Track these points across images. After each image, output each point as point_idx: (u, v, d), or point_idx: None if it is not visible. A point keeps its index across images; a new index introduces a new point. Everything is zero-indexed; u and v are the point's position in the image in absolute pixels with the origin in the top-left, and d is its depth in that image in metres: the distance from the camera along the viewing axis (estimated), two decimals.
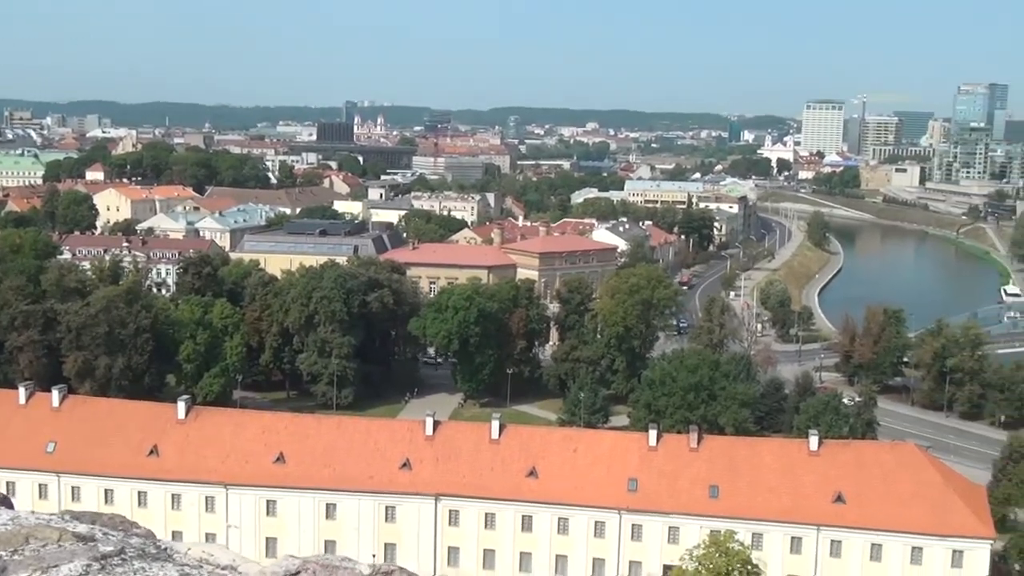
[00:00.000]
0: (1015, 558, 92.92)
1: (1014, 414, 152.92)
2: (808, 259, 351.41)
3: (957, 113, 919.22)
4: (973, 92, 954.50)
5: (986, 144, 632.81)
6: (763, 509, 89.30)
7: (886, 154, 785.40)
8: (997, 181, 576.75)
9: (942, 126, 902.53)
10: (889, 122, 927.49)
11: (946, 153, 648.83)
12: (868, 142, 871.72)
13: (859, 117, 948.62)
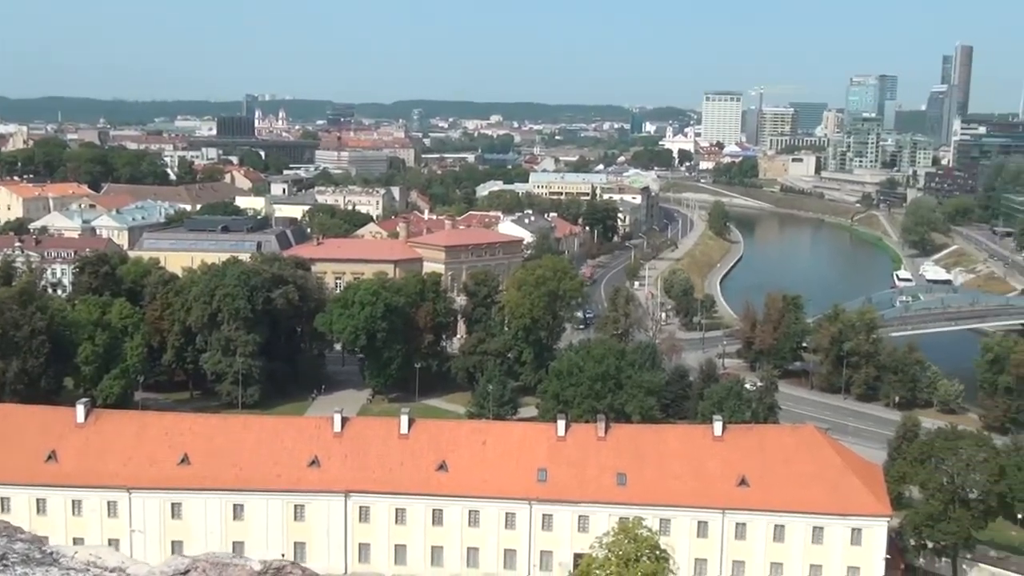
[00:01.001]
0: (910, 534, 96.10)
1: (907, 395, 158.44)
2: (710, 248, 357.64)
3: (850, 104, 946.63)
4: (864, 83, 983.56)
5: (877, 134, 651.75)
6: (670, 495, 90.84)
7: (783, 144, 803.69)
8: (888, 170, 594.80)
9: (836, 116, 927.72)
10: (785, 113, 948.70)
11: (840, 143, 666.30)
12: (765, 133, 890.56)
13: (756, 108, 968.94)
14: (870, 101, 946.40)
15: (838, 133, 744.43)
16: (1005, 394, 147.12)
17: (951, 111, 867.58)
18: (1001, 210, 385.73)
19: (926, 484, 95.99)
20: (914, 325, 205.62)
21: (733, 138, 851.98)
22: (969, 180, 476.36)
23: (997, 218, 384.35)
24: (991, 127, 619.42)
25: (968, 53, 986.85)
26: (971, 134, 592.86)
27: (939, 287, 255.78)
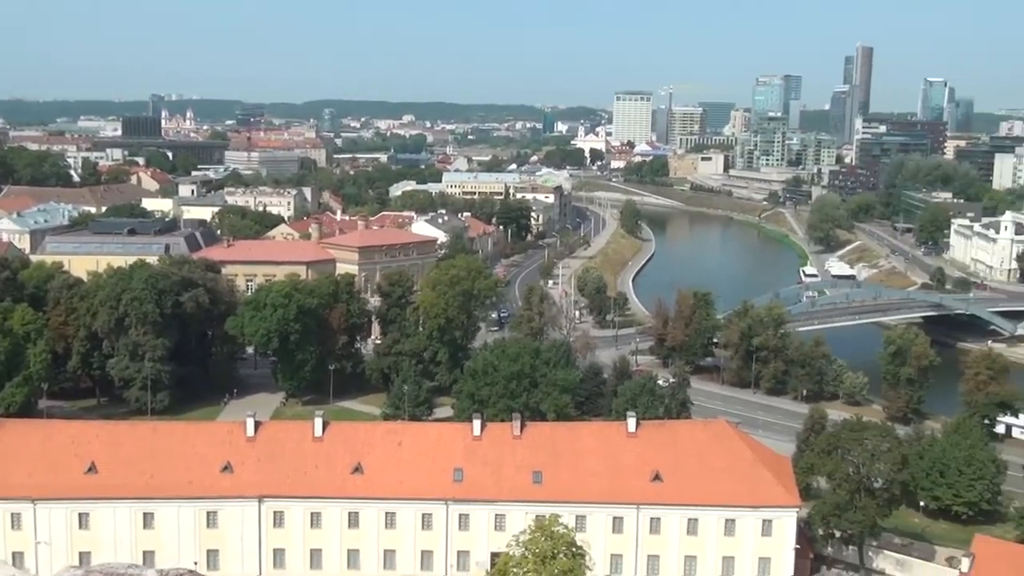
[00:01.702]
0: (819, 523, 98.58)
1: (814, 388, 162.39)
2: (622, 246, 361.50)
3: (756, 103, 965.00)
4: (770, 84, 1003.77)
5: (783, 133, 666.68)
6: (585, 492, 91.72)
7: (692, 143, 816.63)
8: (794, 168, 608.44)
9: (743, 116, 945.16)
10: (694, 112, 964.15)
11: (747, 141, 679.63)
12: (675, 132, 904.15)
13: (666, 108, 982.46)
14: (776, 101, 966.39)
15: (745, 132, 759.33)
16: (907, 385, 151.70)
17: (853, 110, 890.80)
18: (901, 207, 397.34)
19: (833, 475, 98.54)
20: (820, 320, 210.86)
21: (644, 137, 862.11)
22: (871, 178, 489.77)
23: (898, 214, 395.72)
24: (891, 126, 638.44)
25: (869, 54, 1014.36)
26: (872, 133, 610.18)
27: (843, 282, 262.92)
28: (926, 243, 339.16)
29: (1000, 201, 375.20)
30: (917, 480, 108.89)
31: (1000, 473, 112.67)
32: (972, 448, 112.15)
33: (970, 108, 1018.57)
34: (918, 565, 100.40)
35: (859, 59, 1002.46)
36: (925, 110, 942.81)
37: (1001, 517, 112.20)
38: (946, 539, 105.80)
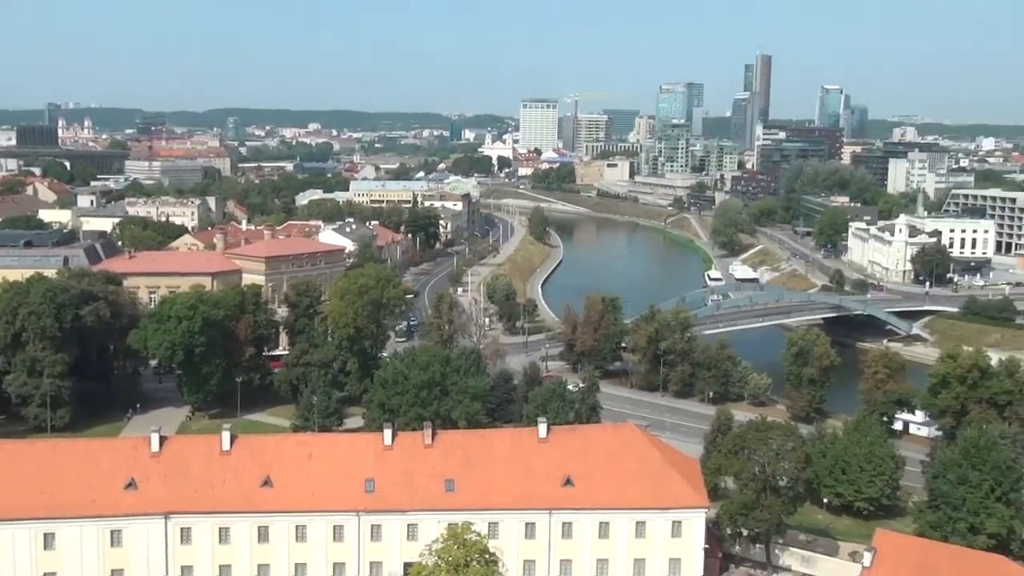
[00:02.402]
0: (727, 523, 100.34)
1: (720, 390, 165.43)
2: (531, 253, 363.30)
3: (660, 111, 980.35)
4: (673, 91, 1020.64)
5: (687, 139, 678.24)
6: (497, 498, 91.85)
7: (598, 150, 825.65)
8: (697, 174, 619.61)
9: (648, 123, 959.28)
10: (599, 120, 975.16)
11: (652, 148, 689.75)
12: (581, 139, 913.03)
13: (572, 115, 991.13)
14: (679, 108, 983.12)
15: (650, 139, 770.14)
16: (809, 385, 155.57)
17: (754, 117, 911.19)
18: (801, 211, 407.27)
19: (740, 474, 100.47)
20: (725, 322, 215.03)
21: (550, 144, 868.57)
22: (772, 183, 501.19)
23: (798, 218, 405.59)
24: (790, 132, 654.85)
25: (768, 62, 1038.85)
26: (772, 139, 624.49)
27: (747, 285, 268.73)
28: (825, 246, 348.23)
29: (894, 205, 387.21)
30: (820, 477, 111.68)
31: (899, 468, 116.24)
32: (872, 445, 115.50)
33: (865, 115, 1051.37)
34: (822, 560, 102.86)
35: (758, 67, 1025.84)
36: (822, 117, 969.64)
37: (900, 511, 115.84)
38: (849, 534, 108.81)
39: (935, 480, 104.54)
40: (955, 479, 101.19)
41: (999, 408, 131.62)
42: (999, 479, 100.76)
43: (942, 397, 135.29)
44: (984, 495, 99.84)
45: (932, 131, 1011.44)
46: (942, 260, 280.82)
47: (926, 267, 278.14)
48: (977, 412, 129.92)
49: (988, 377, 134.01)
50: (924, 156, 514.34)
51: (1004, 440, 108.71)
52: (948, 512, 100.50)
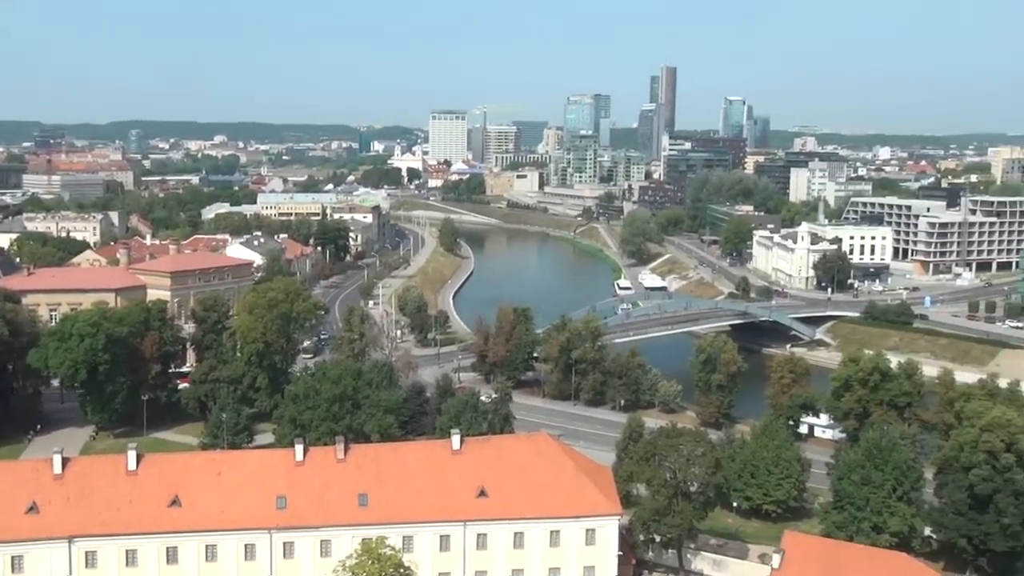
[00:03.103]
0: (640, 529, 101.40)
1: (631, 398, 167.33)
2: (442, 264, 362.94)
3: (568, 122, 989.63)
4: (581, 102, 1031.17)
5: (595, 150, 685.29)
6: (411, 512, 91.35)
7: (507, 161, 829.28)
8: (606, 184, 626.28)
9: (556, 134, 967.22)
10: (508, 131, 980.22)
11: (560, 159, 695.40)
12: (491, 150, 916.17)
13: (481, 127, 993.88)
14: (586, 119, 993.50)
15: (558, 150, 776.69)
16: (718, 391, 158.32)
17: (660, 128, 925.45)
18: (707, 220, 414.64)
19: (651, 481, 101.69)
20: (635, 331, 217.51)
21: (460, 156, 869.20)
22: (678, 192, 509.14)
23: (704, 227, 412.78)
24: (695, 143, 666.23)
25: (673, 73, 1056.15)
26: (678, 149, 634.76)
27: (656, 294, 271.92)
28: (731, 254, 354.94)
29: (796, 213, 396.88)
30: (730, 482, 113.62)
31: (805, 471, 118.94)
32: (779, 449, 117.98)
33: (767, 125, 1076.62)
34: (733, 564, 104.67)
35: (664, 79, 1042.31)
36: (726, 127, 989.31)
37: (807, 513, 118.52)
38: (758, 537, 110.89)
39: (840, 481, 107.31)
40: (859, 480, 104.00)
41: (899, 409, 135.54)
42: (900, 479, 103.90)
43: (845, 400, 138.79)
44: (886, 495, 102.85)
45: (831, 141, 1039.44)
46: (843, 266, 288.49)
47: (828, 273, 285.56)
48: (878, 414, 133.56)
49: (888, 379, 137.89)
50: (824, 165, 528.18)
51: (904, 441, 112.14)
52: (853, 512, 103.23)
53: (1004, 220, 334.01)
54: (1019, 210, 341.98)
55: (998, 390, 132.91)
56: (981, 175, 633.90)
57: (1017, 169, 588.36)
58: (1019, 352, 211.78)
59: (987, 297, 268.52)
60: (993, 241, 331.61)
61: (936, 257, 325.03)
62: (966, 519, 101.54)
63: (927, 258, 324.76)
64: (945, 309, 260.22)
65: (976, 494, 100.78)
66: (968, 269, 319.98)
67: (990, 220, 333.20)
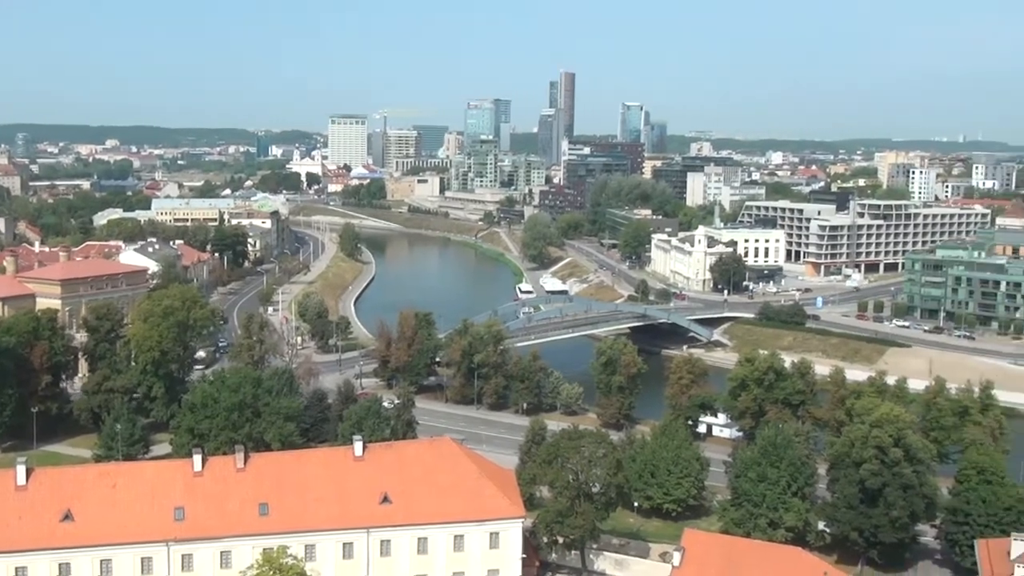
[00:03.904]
0: (543, 531, 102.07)
1: (534, 401, 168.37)
2: (342, 270, 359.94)
3: (468, 127, 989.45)
4: (481, 107, 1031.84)
5: (495, 155, 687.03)
6: (314, 520, 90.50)
7: (408, 166, 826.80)
8: (507, 188, 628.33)
9: (457, 139, 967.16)
10: (409, 136, 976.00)
11: (461, 164, 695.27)
12: (391, 155, 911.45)
13: (381, 131, 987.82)
14: (487, 124, 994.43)
15: (459, 155, 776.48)
16: (618, 393, 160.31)
17: (559, 133, 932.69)
18: (607, 224, 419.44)
19: (554, 483, 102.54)
20: (537, 334, 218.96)
21: (360, 160, 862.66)
22: (578, 197, 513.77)
23: (604, 231, 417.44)
24: (594, 148, 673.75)
25: (571, 79, 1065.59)
26: (577, 154, 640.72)
27: (557, 297, 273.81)
28: (630, 257, 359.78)
29: (693, 216, 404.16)
30: (631, 482, 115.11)
31: (704, 470, 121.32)
32: (678, 448, 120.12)
33: (664, 130, 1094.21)
34: (635, 563, 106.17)
35: (563, 84, 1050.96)
36: (624, 132, 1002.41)
37: (706, 511, 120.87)
38: (659, 536, 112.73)
39: (737, 479, 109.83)
40: (755, 477, 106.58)
41: (793, 408, 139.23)
42: (795, 475, 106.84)
43: (741, 399, 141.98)
44: (782, 491, 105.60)
45: (726, 146, 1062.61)
46: (738, 269, 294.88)
47: (724, 276, 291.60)
48: (773, 412, 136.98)
49: (783, 379, 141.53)
50: (719, 170, 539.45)
51: (798, 438, 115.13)
52: (750, 509, 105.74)
53: (890, 223, 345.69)
54: (904, 213, 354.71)
55: (886, 387, 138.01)
56: (868, 179, 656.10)
57: (902, 173, 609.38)
58: (906, 350, 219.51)
59: (875, 297, 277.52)
60: (880, 243, 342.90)
61: (827, 259, 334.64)
62: (857, 513, 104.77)
63: (818, 260, 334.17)
64: (836, 309, 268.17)
65: (866, 488, 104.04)
66: (857, 270, 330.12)
67: (877, 223, 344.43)
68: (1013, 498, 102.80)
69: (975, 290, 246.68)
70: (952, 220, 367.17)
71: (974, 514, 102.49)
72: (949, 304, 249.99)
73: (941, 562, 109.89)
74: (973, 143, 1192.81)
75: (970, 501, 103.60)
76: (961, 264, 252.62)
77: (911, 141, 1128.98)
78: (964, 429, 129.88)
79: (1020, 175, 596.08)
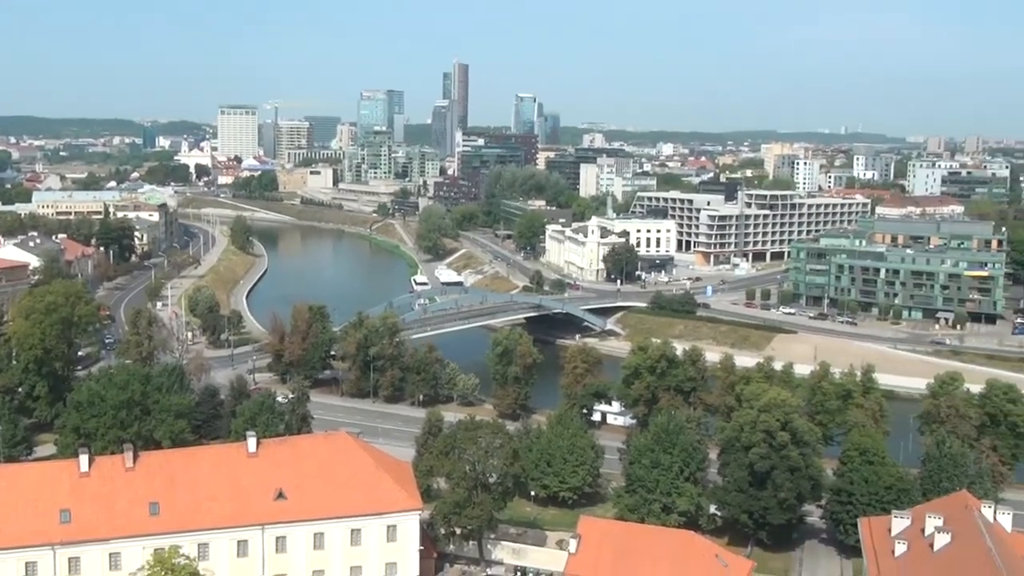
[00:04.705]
0: (440, 523, 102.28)
1: (430, 392, 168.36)
2: (234, 263, 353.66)
3: (361, 118, 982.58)
4: (374, 98, 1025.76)
5: (389, 146, 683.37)
6: (206, 518, 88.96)
7: (301, 157, 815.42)
8: (401, 180, 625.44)
9: (350, 130, 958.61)
10: (301, 127, 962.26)
11: (355, 155, 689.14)
12: (283, 146, 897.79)
13: (272, 122, 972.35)
14: (380, 115, 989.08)
15: (353, 146, 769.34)
16: (514, 383, 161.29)
17: (453, 124, 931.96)
18: (501, 215, 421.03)
19: (451, 474, 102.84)
20: (432, 326, 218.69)
21: (251, 152, 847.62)
22: (473, 188, 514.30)
23: (499, 222, 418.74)
24: (488, 139, 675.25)
25: (465, 70, 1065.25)
26: (472, 146, 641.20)
27: (452, 289, 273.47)
28: (525, 248, 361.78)
29: (586, 207, 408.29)
30: (528, 471, 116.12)
31: (599, 457, 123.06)
32: (574, 437, 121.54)
33: (557, 122, 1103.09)
34: (532, 551, 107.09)
35: (456, 75, 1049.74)
36: (518, 124, 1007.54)
37: (602, 498, 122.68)
38: (556, 524, 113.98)
39: (631, 466, 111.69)
40: (649, 463, 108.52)
41: (685, 394, 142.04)
42: (687, 460, 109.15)
43: (635, 387, 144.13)
44: (674, 476, 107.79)
45: (618, 137, 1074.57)
46: (631, 259, 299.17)
47: (617, 266, 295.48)
48: (666, 399, 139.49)
49: (675, 366, 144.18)
50: (612, 161, 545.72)
51: (690, 424, 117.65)
52: (644, 495, 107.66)
53: (776, 212, 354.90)
54: (789, 203, 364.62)
55: (774, 372, 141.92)
56: (755, 170, 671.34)
57: (787, 164, 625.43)
58: (792, 336, 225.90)
59: (763, 285, 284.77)
60: (767, 233, 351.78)
61: (716, 248, 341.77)
62: (747, 495, 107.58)
63: (708, 249, 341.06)
64: (725, 298, 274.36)
65: (755, 471, 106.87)
66: (745, 259, 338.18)
67: (764, 213, 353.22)
68: (893, 477, 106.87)
69: (857, 277, 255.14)
70: (835, 210, 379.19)
71: (857, 493, 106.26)
72: (832, 291, 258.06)
73: (826, 540, 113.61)
74: (854, 135, 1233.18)
75: (853, 481, 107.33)
76: (843, 252, 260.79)
77: (796, 133, 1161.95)
78: (847, 412, 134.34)
79: (898, 166, 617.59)
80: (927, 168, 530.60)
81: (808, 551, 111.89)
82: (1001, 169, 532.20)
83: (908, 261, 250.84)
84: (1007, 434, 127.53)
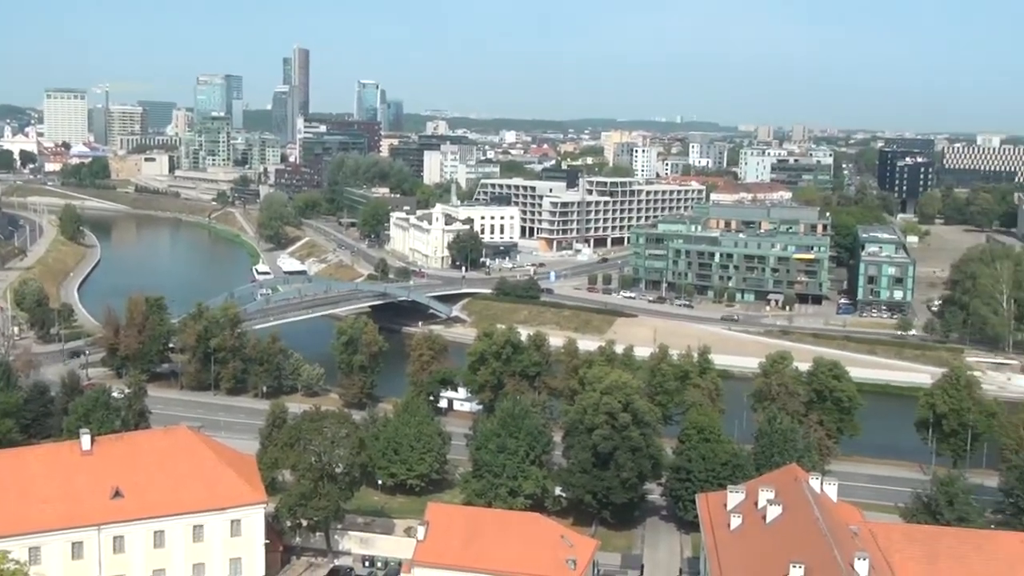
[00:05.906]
0: (286, 515, 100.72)
1: (274, 384, 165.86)
2: (64, 254, 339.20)
3: (199, 103, 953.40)
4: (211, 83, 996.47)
5: (228, 133, 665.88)
6: (38, 520, 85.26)
7: (134, 144, 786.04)
8: (241, 167, 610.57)
9: (186, 115, 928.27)
10: (134, 112, 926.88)
11: (192, 141, 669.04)
12: (115, 132, 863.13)
13: (103, 107, 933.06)
14: (218, 100, 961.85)
15: (189, 132, 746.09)
16: (360, 372, 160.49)
17: (294, 111, 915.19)
18: (345, 202, 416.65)
19: (297, 466, 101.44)
20: (275, 316, 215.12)
21: (80, 138, 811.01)
22: (315, 175, 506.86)
23: (342, 210, 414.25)
24: (331, 126, 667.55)
25: (306, 56, 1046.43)
26: (313, 132, 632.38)
27: (295, 278, 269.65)
28: (369, 236, 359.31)
29: (431, 195, 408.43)
30: (375, 460, 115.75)
31: (446, 444, 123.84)
32: (420, 424, 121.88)
33: (400, 109, 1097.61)
34: (380, 540, 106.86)
35: (296, 61, 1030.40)
36: (361, 111, 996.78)
37: (450, 484, 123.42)
38: (404, 511, 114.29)
39: (478, 451, 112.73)
40: (495, 448, 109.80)
41: (530, 379, 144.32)
42: (532, 444, 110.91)
43: (481, 373, 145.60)
44: (520, 460, 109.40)
45: (461, 125, 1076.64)
46: (475, 245, 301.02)
47: (462, 253, 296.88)
48: (512, 384, 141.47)
49: (520, 352, 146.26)
50: (455, 148, 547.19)
51: (535, 408, 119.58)
52: (491, 480, 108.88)
53: (616, 199, 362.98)
54: (629, 190, 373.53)
55: (615, 355, 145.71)
56: (596, 158, 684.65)
57: (626, 152, 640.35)
58: (632, 320, 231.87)
59: (604, 270, 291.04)
60: (608, 219, 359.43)
61: (559, 235, 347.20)
62: (590, 476, 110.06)
63: (551, 236, 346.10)
64: (568, 283, 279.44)
65: (598, 452, 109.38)
66: (587, 245, 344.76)
67: (604, 199, 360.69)
68: (728, 454, 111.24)
69: (693, 261, 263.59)
70: (672, 196, 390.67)
71: (695, 471, 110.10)
72: (670, 275, 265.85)
73: (667, 517, 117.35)
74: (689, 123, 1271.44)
75: (691, 459, 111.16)
76: (680, 238, 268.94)
77: (634, 121, 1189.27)
78: (685, 392, 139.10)
79: (731, 154, 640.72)
80: (758, 156, 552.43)
81: (650, 528, 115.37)
82: (825, 157, 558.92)
83: (740, 245, 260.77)
84: (832, 409, 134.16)
